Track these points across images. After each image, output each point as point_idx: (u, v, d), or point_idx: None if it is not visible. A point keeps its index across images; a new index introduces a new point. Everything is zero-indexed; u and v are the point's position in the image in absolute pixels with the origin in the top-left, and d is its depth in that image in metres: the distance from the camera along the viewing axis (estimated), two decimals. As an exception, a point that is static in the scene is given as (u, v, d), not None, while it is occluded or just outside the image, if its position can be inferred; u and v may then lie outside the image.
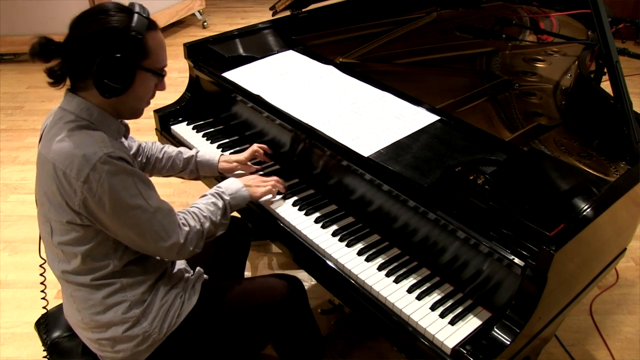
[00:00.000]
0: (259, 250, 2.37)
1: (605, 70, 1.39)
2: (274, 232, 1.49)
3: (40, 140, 1.21)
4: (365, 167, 1.37)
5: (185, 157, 1.61)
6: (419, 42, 2.11)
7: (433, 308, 1.19)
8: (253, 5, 5.70)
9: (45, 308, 1.44)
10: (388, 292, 1.24)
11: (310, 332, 1.57)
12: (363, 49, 2.01)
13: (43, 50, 1.13)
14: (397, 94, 1.60)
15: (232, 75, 1.77)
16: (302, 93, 1.65)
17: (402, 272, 1.29)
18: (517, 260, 1.10)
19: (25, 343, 1.95)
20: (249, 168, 1.64)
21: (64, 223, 1.15)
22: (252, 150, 1.63)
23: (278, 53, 1.90)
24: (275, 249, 2.37)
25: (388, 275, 1.28)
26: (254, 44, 1.98)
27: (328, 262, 1.35)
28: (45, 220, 1.21)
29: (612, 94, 1.37)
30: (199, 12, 5.05)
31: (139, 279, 1.25)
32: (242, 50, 1.93)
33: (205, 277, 1.43)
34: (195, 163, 1.61)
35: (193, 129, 1.88)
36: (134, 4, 1.16)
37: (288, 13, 2.15)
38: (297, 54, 1.89)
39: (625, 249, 1.53)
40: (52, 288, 1.36)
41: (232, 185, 1.41)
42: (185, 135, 1.85)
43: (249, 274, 2.21)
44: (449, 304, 1.21)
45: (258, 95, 1.65)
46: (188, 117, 1.95)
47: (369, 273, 1.29)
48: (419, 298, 1.22)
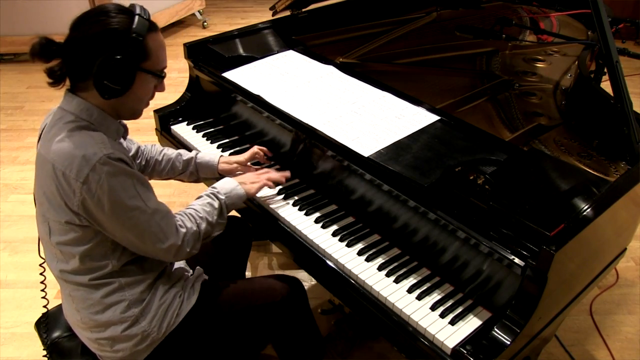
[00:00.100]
0: (259, 250, 2.37)
1: (605, 70, 1.39)
2: (274, 232, 1.49)
3: (39, 140, 1.21)
4: (366, 167, 1.37)
5: (185, 159, 1.60)
6: (419, 42, 2.11)
7: (433, 308, 1.19)
8: (253, 5, 5.70)
9: (46, 307, 1.44)
10: (388, 292, 1.24)
11: (310, 332, 1.57)
12: (363, 49, 2.01)
13: (43, 51, 1.13)
14: (397, 94, 1.60)
15: (232, 75, 1.77)
16: (302, 93, 1.64)
17: (402, 272, 1.29)
18: (517, 260, 1.10)
19: (25, 343, 1.95)
20: (249, 169, 1.63)
21: (63, 223, 1.15)
22: (252, 152, 1.63)
23: (278, 53, 1.90)
24: (275, 249, 2.37)
25: (388, 275, 1.28)
26: (254, 44, 1.98)
27: (328, 262, 1.35)
28: (44, 220, 1.21)
29: (612, 94, 1.37)
30: (199, 12, 5.06)
31: (138, 279, 1.25)
32: (242, 50, 1.93)
33: (205, 276, 1.43)
34: (195, 165, 1.61)
35: (193, 129, 1.88)
36: (135, 6, 1.16)
37: (288, 13, 2.15)
38: (297, 54, 1.89)
39: (625, 249, 1.53)
40: (52, 288, 1.36)
41: (226, 185, 1.41)
42: (185, 135, 1.85)
43: (249, 274, 2.21)
44: (449, 304, 1.21)
45: (258, 95, 1.65)
46: (188, 117, 1.94)
47: (369, 273, 1.29)
48: (419, 298, 1.22)
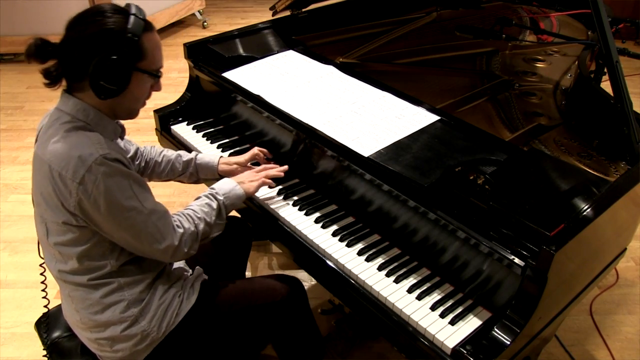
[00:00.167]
0: (259, 250, 2.37)
1: (605, 70, 1.39)
2: (274, 232, 1.49)
3: (37, 141, 1.21)
4: (366, 167, 1.37)
5: (185, 160, 1.60)
6: (419, 42, 2.11)
7: (433, 308, 1.19)
8: (253, 5, 5.70)
9: (47, 307, 1.44)
10: (388, 292, 1.24)
11: (310, 332, 1.57)
12: (363, 49, 2.01)
13: (39, 52, 1.12)
14: (397, 94, 1.60)
15: (232, 75, 1.77)
16: (302, 93, 1.64)
17: (402, 272, 1.29)
18: (517, 260, 1.10)
19: (25, 343, 1.95)
20: (249, 170, 1.63)
21: (60, 224, 1.15)
22: (252, 153, 1.63)
23: (278, 53, 1.90)
24: (275, 249, 2.37)
25: (388, 275, 1.28)
26: (254, 44, 1.98)
27: (328, 262, 1.35)
28: (42, 221, 1.20)
29: (612, 94, 1.37)
30: (199, 12, 5.05)
31: (137, 278, 1.25)
32: (242, 50, 1.93)
33: (205, 276, 1.43)
34: (195, 166, 1.60)
35: (193, 129, 1.88)
36: (131, 5, 1.15)
37: (288, 13, 2.15)
38: (297, 54, 1.89)
39: (625, 249, 1.53)
40: (52, 288, 1.36)
41: (225, 185, 1.41)
42: (185, 135, 1.85)
43: (249, 274, 2.21)
44: (449, 304, 1.21)
45: (258, 95, 1.65)
46: (188, 117, 1.94)
47: (369, 273, 1.29)
48: (419, 298, 1.22)
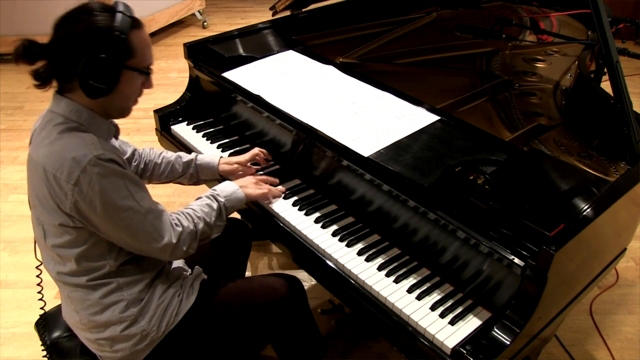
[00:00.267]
0: (259, 250, 2.37)
1: (605, 70, 1.39)
2: (274, 232, 1.49)
3: (30, 144, 1.20)
4: (365, 167, 1.37)
5: (185, 160, 1.60)
6: (419, 42, 2.11)
7: (433, 308, 1.19)
8: (253, 5, 5.70)
9: (43, 309, 1.44)
10: (388, 292, 1.24)
11: (310, 332, 1.57)
12: (363, 49, 2.01)
13: (27, 53, 1.11)
14: (397, 94, 1.60)
15: (232, 75, 1.77)
16: (302, 93, 1.64)
17: (402, 272, 1.29)
18: (517, 260, 1.10)
19: (25, 343, 1.95)
20: (250, 170, 1.63)
21: (57, 226, 1.15)
22: (253, 153, 1.63)
23: (278, 53, 1.90)
24: (275, 249, 2.37)
25: (388, 275, 1.28)
26: (254, 44, 1.98)
27: (328, 262, 1.35)
28: (38, 223, 1.20)
29: (612, 94, 1.37)
30: (199, 12, 5.05)
31: (136, 278, 1.25)
32: (242, 50, 1.93)
33: (204, 276, 1.43)
34: (195, 166, 1.60)
35: (193, 129, 1.88)
36: (118, 3, 1.14)
37: (288, 13, 2.15)
38: (297, 54, 1.89)
39: (625, 249, 1.53)
40: (52, 288, 1.36)
41: (227, 188, 1.41)
42: (185, 135, 1.85)
43: (249, 274, 2.21)
44: (449, 304, 1.21)
45: (258, 95, 1.65)
46: (188, 117, 1.94)
47: (369, 273, 1.29)
48: (419, 298, 1.22)
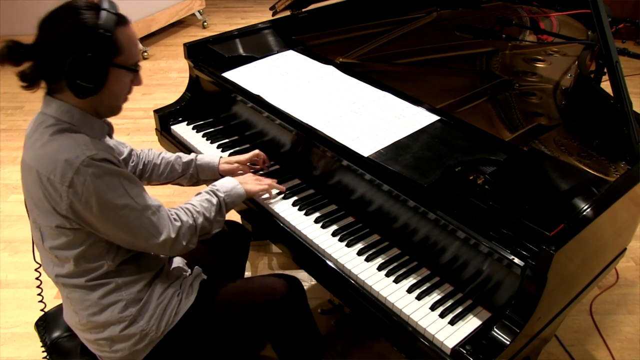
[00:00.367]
0: (259, 250, 2.37)
1: (605, 70, 1.39)
2: (274, 232, 1.49)
3: (24, 147, 1.19)
4: (365, 167, 1.37)
5: (185, 161, 1.59)
6: (419, 42, 2.11)
7: (433, 308, 1.19)
8: (253, 5, 5.70)
9: (43, 311, 1.44)
10: (388, 292, 1.23)
11: (310, 332, 1.57)
12: (363, 49, 2.01)
13: (12, 54, 1.10)
14: (397, 94, 1.60)
15: (232, 75, 1.76)
16: (302, 93, 1.64)
17: (402, 272, 1.29)
18: (517, 260, 1.10)
19: (25, 343, 1.95)
20: (250, 170, 1.63)
21: (54, 228, 1.14)
22: (254, 153, 1.63)
23: (278, 53, 1.90)
24: (275, 249, 2.37)
25: (388, 275, 1.28)
26: (254, 44, 1.98)
27: (328, 262, 1.35)
28: (36, 226, 1.20)
29: (612, 94, 1.37)
30: (199, 12, 5.05)
31: (134, 278, 1.25)
32: (242, 50, 1.93)
33: (204, 276, 1.43)
34: (196, 167, 1.59)
35: (193, 129, 1.88)
36: (102, 0, 1.11)
37: (288, 13, 2.15)
38: (297, 54, 1.89)
39: (625, 249, 1.53)
40: (51, 288, 1.35)
41: (227, 183, 1.41)
42: (185, 135, 1.85)
43: (249, 274, 2.21)
44: (449, 304, 1.21)
45: (258, 95, 1.65)
46: (188, 117, 1.94)
47: (369, 273, 1.29)
48: (419, 298, 1.22)
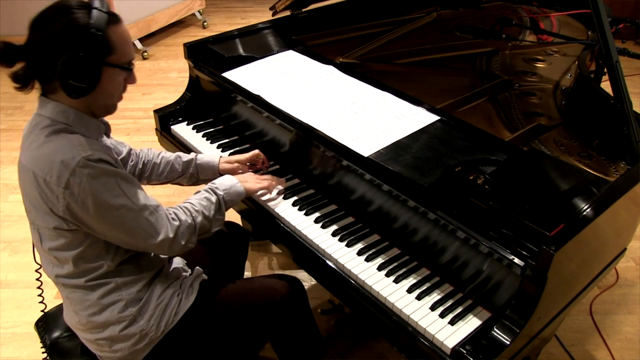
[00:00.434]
0: (259, 250, 2.37)
1: (605, 70, 1.39)
2: (274, 232, 1.49)
3: (21, 149, 1.18)
4: (365, 167, 1.37)
5: (185, 160, 1.59)
6: (419, 42, 2.11)
7: (433, 308, 1.19)
8: (253, 5, 5.70)
9: (44, 311, 1.44)
10: (388, 292, 1.23)
11: (310, 332, 1.57)
12: (363, 49, 2.01)
13: (3, 56, 1.09)
14: (397, 94, 1.60)
15: (232, 75, 1.76)
16: (302, 93, 1.64)
17: (402, 272, 1.29)
18: (517, 260, 1.10)
19: (25, 343, 1.95)
20: (249, 170, 1.63)
21: (52, 229, 1.14)
22: (254, 153, 1.63)
23: (278, 53, 1.90)
24: (275, 249, 2.37)
25: (388, 275, 1.28)
26: (254, 44, 1.98)
27: (328, 262, 1.35)
28: (34, 227, 1.20)
29: (612, 94, 1.37)
30: (199, 12, 5.05)
31: (134, 278, 1.25)
32: (242, 50, 1.93)
33: (204, 276, 1.43)
34: (195, 166, 1.59)
35: (193, 129, 1.88)
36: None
37: (288, 13, 2.15)
38: (297, 54, 1.89)
39: (625, 249, 1.53)
40: (51, 288, 1.36)
41: (226, 182, 1.40)
42: (185, 135, 1.85)
43: (249, 274, 2.21)
44: (449, 304, 1.21)
45: (258, 95, 1.65)
46: (188, 117, 1.94)
47: (369, 273, 1.29)
48: (419, 298, 1.22)
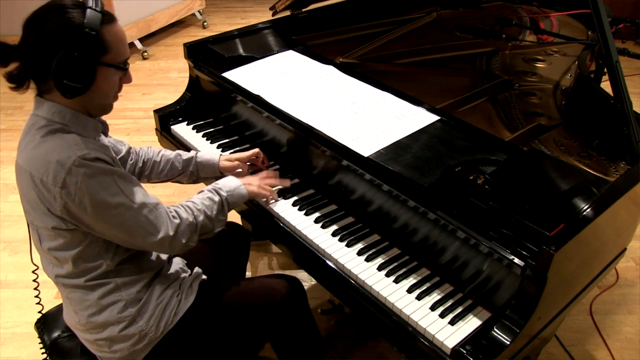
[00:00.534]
0: (259, 250, 2.37)
1: (605, 70, 1.39)
2: (274, 232, 1.49)
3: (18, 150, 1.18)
4: (365, 167, 1.37)
5: (185, 158, 1.59)
6: (419, 42, 2.11)
7: (433, 308, 1.19)
8: (253, 5, 5.70)
9: (41, 312, 1.44)
10: (388, 292, 1.23)
11: (310, 332, 1.57)
12: (363, 49, 2.01)
13: None
14: (397, 94, 1.60)
15: (232, 75, 1.76)
16: (302, 93, 1.64)
17: (402, 272, 1.29)
18: (517, 260, 1.10)
19: (25, 343, 1.95)
20: (249, 170, 1.63)
21: (50, 229, 1.14)
22: (254, 151, 1.63)
23: (278, 53, 1.90)
24: (275, 249, 2.38)
25: (388, 275, 1.28)
26: (254, 44, 1.98)
27: (328, 262, 1.35)
28: (33, 228, 1.20)
29: (612, 94, 1.37)
30: (199, 12, 5.05)
31: (134, 278, 1.25)
32: (242, 50, 1.93)
33: (204, 277, 1.43)
34: (196, 164, 1.59)
35: (193, 129, 1.88)
36: None
37: (288, 13, 2.15)
38: (297, 54, 1.89)
39: (625, 249, 1.53)
40: (51, 288, 1.36)
41: (230, 183, 1.40)
42: (185, 135, 1.85)
43: (249, 274, 2.21)
44: (449, 304, 1.21)
45: (258, 95, 1.65)
46: (188, 117, 1.94)
47: (369, 273, 1.29)
48: (419, 298, 1.22)
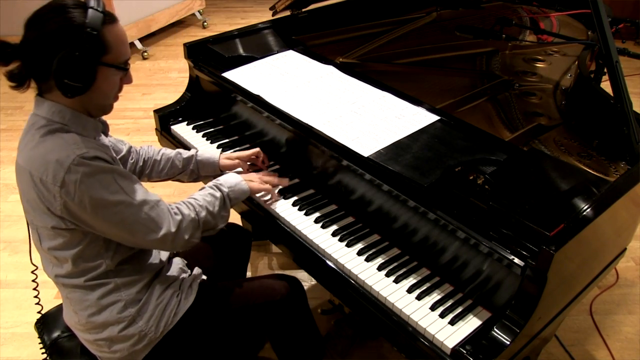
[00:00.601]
0: (259, 250, 2.37)
1: (605, 70, 1.39)
2: (274, 232, 1.49)
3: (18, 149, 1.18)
4: (365, 167, 1.37)
5: (185, 157, 1.59)
6: (419, 42, 2.11)
7: (433, 308, 1.19)
8: (253, 5, 5.70)
9: (40, 312, 1.44)
10: (388, 292, 1.24)
11: (310, 332, 1.57)
12: (363, 49, 2.01)
13: None
14: (397, 94, 1.60)
15: (232, 75, 1.77)
16: (302, 93, 1.64)
17: (402, 272, 1.29)
18: (517, 260, 1.10)
19: (25, 343, 1.95)
20: (249, 169, 1.63)
21: (50, 229, 1.14)
22: (255, 150, 1.63)
23: (278, 53, 1.90)
24: (275, 249, 2.38)
25: (388, 275, 1.28)
26: (254, 44, 1.98)
27: (328, 262, 1.35)
28: (33, 228, 1.20)
29: (612, 94, 1.37)
30: (199, 12, 5.06)
31: (133, 278, 1.24)
32: (242, 50, 1.93)
33: (204, 277, 1.43)
34: (196, 162, 1.59)
35: (193, 129, 1.88)
36: None
37: (288, 13, 2.15)
38: (297, 54, 1.89)
39: (625, 249, 1.53)
40: (51, 288, 1.36)
41: (231, 179, 1.40)
42: (185, 135, 1.85)
43: (249, 274, 2.21)
44: (449, 304, 1.21)
45: (258, 95, 1.65)
46: (188, 117, 1.94)
47: (369, 273, 1.29)
48: (419, 298, 1.22)
